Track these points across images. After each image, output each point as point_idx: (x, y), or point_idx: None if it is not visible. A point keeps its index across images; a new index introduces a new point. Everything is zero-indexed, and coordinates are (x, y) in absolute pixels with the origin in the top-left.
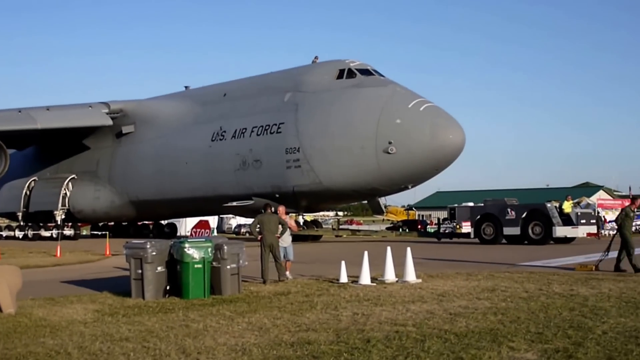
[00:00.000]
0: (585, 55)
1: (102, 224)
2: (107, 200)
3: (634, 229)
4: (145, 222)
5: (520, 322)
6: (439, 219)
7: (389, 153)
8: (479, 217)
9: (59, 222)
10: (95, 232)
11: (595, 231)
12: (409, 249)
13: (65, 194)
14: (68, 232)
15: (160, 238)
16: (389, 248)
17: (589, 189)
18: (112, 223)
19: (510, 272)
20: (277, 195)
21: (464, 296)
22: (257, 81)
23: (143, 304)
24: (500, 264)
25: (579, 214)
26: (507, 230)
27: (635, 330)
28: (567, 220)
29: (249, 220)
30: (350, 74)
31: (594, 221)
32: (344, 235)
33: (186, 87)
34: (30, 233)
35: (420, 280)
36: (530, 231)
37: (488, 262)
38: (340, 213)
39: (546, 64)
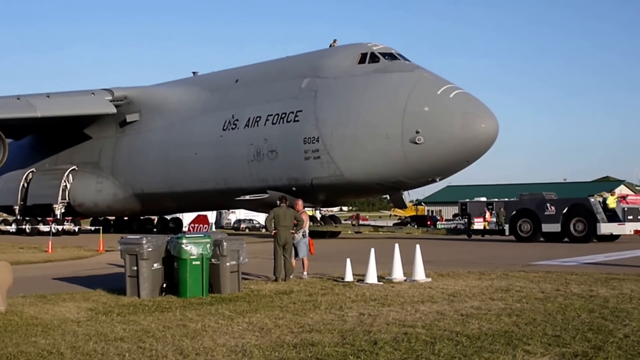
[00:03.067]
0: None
1: (102, 218)
2: (110, 193)
3: None
4: (149, 216)
5: (536, 324)
6: (469, 215)
7: (416, 143)
8: (514, 212)
9: (58, 217)
10: (98, 227)
11: None
12: (418, 246)
13: (66, 186)
14: (68, 226)
15: (165, 233)
16: (396, 245)
17: (609, 183)
18: (113, 217)
19: (525, 271)
20: (294, 189)
21: (477, 296)
22: (271, 66)
23: (138, 302)
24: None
25: (625, 209)
26: (546, 227)
27: None
28: (611, 216)
29: (250, 215)
30: (374, 58)
31: None
32: (366, 232)
33: (194, 73)
34: (28, 228)
35: (430, 279)
36: (572, 228)
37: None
38: (345, 208)
39: (564, 58)
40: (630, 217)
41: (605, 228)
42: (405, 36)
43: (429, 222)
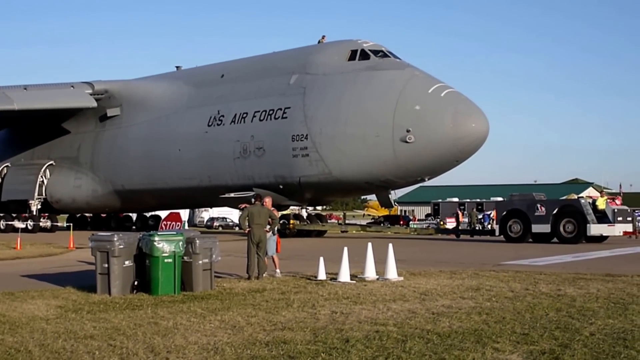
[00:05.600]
0: (576, 53)
1: (79, 215)
2: (89, 189)
3: None
4: (128, 213)
5: (506, 322)
6: (464, 215)
7: (406, 142)
8: (505, 213)
9: (34, 213)
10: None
11: (631, 229)
12: (390, 245)
13: (42, 181)
14: (44, 223)
15: (145, 231)
16: (369, 244)
17: (578, 185)
18: (91, 214)
19: (495, 270)
20: (281, 187)
21: (448, 295)
22: (258, 62)
23: (109, 300)
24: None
25: (615, 210)
26: (536, 228)
27: (624, 331)
28: (600, 217)
29: (224, 213)
30: (364, 55)
31: (630, 219)
32: (354, 231)
33: (177, 67)
34: (2, 224)
35: (402, 278)
36: (561, 229)
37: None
38: (319, 208)
39: (536, 59)
40: (619, 219)
41: (595, 229)
42: (395, 33)
43: (402, 222)
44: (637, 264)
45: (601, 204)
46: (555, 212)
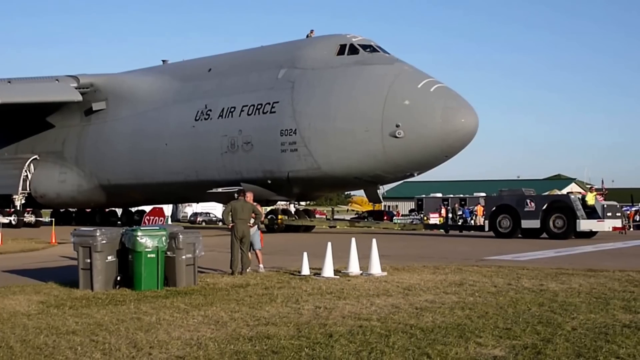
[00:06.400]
0: (558, 47)
1: (63, 210)
2: (74, 183)
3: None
4: (113, 208)
5: (488, 317)
6: (447, 210)
7: (396, 137)
8: (494, 208)
9: (18, 208)
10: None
11: (621, 225)
12: (374, 241)
13: (26, 176)
14: (29, 218)
15: (130, 226)
16: (353, 239)
17: (560, 181)
18: (75, 209)
19: (478, 266)
20: (270, 181)
21: (431, 290)
22: (246, 56)
23: (92, 295)
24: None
25: (605, 206)
26: (526, 223)
27: (605, 326)
28: (589, 213)
29: (207, 208)
30: (353, 49)
31: (619, 214)
32: (343, 227)
33: (164, 61)
34: None
35: (385, 273)
36: (551, 224)
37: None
38: (303, 203)
39: (520, 53)
40: (609, 214)
41: (584, 225)
42: (383, 28)
43: (385, 217)
44: (618, 259)
45: (591, 199)
46: (544, 207)
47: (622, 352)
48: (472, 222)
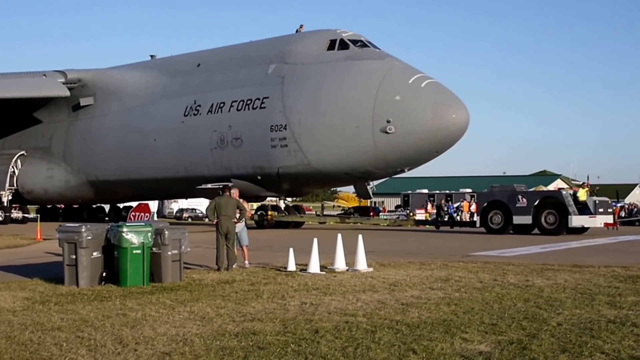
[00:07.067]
0: (543, 42)
1: (51, 206)
2: (62, 180)
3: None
4: (101, 204)
5: (474, 313)
6: (437, 206)
7: (387, 133)
8: (486, 204)
9: (5, 204)
10: (37, 216)
11: (612, 221)
12: (360, 236)
13: (13, 172)
14: (16, 214)
15: (117, 222)
16: (339, 235)
17: (546, 177)
18: (62, 206)
19: (464, 261)
20: (259, 177)
21: (417, 286)
22: (235, 51)
23: (77, 291)
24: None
25: (597, 202)
26: (517, 219)
27: (590, 322)
28: (581, 208)
29: (193, 204)
30: (343, 45)
31: (611, 210)
32: (332, 223)
33: (152, 56)
34: None
35: (371, 269)
36: (543, 220)
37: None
38: (289, 199)
39: (505, 50)
40: (601, 210)
41: (576, 220)
42: (373, 24)
43: (372, 213)
44: (604, 255)
45: (582, 195)
46: (536, 203)
47: (607, 348)
48: (458, 218)
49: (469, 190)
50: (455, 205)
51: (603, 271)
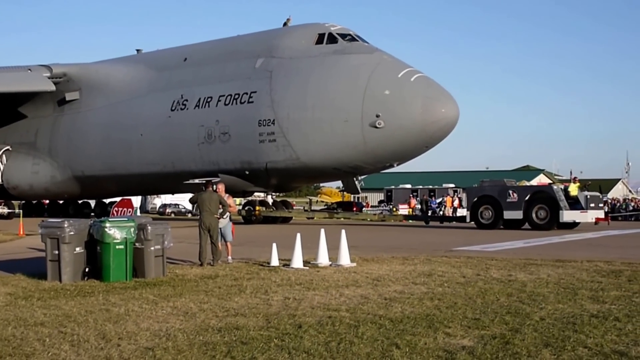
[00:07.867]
0: (525, 36)
1: (36, 201)
2: (47, 175)
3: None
4: (87, 200)
5: (457, 307)
6: (421, 201)
7: (376, 127)
8: (476, 199)
9: None
10: (19, 211)
11: (603, 216)
12: (343, 231)
13: None
14: (1, 210)
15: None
16: (322, 230)
17: (529, 172)
18: (48, 201)
19: (447, 256)
20: (247, 172)
21: (400, 281)
22: (222, 45)
23: (60, 287)
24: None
25: (588, 197)
26: (508, 214)
27: (573, 316)
28: (572, 203)
29: (176, 200)
30: (332, 39)
31: (602, 205)
32: (320, 218)
33: (138, 50)
34: None
35: (354, 264)
36: (534, 215)
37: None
38: (274, 194)
39: (488, 44)
40: (592, 205)
41: (567, 215)
42: (362, 17)
43: (355, 208)
44: (586, 250)
45: (574, 190)
46: (527, 198)
47: (589, 342)
48: (441, 213)
49: (452, 185)
50: (438, 200)
51: (586, 266)
